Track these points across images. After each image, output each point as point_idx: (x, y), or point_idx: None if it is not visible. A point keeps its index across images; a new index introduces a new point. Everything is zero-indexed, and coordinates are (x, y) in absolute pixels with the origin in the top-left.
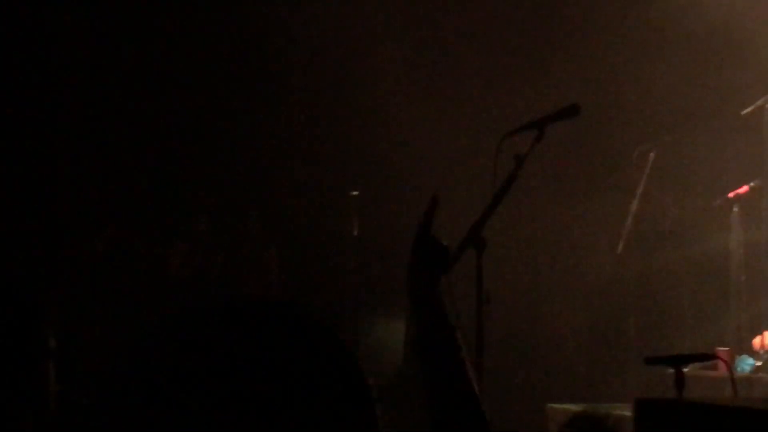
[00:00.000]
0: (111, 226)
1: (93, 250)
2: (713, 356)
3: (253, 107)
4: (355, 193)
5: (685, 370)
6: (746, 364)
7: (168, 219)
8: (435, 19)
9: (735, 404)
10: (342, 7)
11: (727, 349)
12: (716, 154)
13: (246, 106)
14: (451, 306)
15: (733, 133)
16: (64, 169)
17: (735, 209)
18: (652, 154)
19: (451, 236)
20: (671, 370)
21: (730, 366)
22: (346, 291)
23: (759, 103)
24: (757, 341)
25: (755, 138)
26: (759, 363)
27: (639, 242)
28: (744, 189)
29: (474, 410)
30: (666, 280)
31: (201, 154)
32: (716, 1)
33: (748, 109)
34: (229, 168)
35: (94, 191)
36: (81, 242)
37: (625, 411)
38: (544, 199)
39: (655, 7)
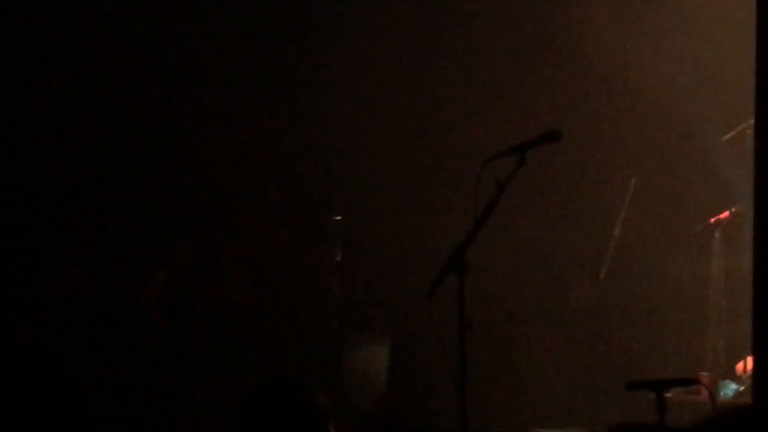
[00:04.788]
0: (89, 252)
1: (71, 274)
2: (695, 381)
3: (234, 133)
4: (338, 218)
5: (667, 395)
6: (729, 389)
7: (147, 245)
8: (419, 44)
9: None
10: (326, 32)
11: (706, 374)
12: (698, 179)
13: (227, 131)
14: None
15: (715, 158)
16: (44, 192)
17: (716, 234)
18: (633, 180)
19: (434, 261)
20: (653, 395)
21: (712, 391)
22: (329, 316)
23: (740, 128)
24: (740, 366)
25: (736, 163)
26: (742, 388)
27: (621, 267)
28: (725, 214)
29: None
30: (648, 305)
31: (181, 179)
32: (699, 31)
33: (730, 135)
34: (211, 194)
35: (73, 216)
36: (60, 267)
37: None
38: (526, 225)
39: (639, 32)
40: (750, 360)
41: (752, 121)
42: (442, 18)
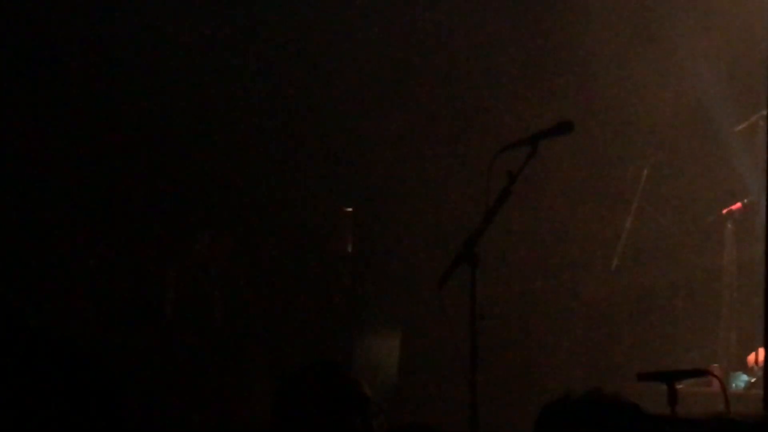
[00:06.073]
0: (105, 243)
1: (86, 265)
2: (706, 372)
3: (245, 124)
4: (349, 209)
5: (679, 386)
6: (740, 380)
7: (162, 236)
8: (432, 35)
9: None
10: (338, 22)
11: (717, 365)
12: (710, 170)
13: (239, 122)
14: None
15: (728, 149)
16: (59, 185)
17: (728, 225)
18: (645, 171)
19: (445, 252)
20: (664, 386)
21: (723, 382)
22: (340, 308)
23: (753, 119)
24: (751, 358)
25: (749, 154)
26: (753, 380)
27: (633, 258)
28: (737, 205)
29: None
30: (659, 297)
31: (192, 170)
32: (712, 22)
33: (742, 126)
34: (222, 185)
35: (87, 207)
36: (74, 258)
37: None
38: (537, 216)
39: (654, 23)
40: (761, 351)
41: (765, 112)
42: (454, 8)
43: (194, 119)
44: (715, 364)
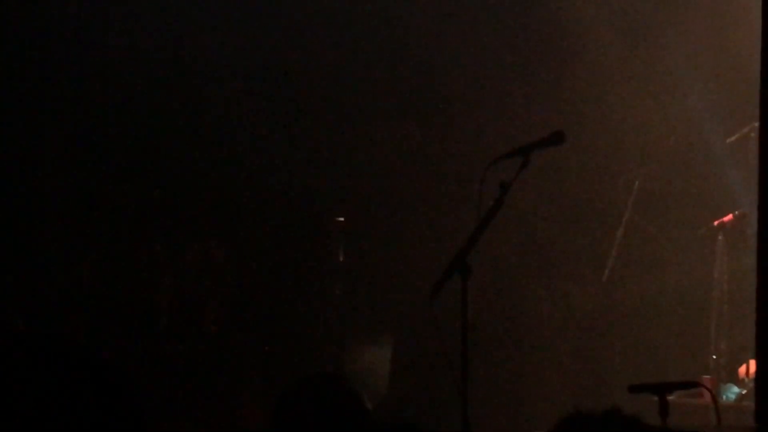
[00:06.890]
0: (98, 251)
1: (78, 274)
2: (697, 384)
3: (237, 132)
4: (341, 218)
5: (670, 397)
6: (731, 392)
7: (156, 245)
8: (424, 44)
9: None
10: (331, 31)
11: (709, 377)
12: (702, 182)
13: (229, 130)
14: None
15: (719, 161)
16: (51, 190)
17: (720, 237)
18: (637, 182)
19: (437, 262)
20: (656, 398)
21: (714, 394)
22: (331, 317)
23: (744, 131)
24: (742, 369)
25: (741, 166)
26: (744, 391)
27: (624, 270)
28: (729, 217)
29: None
30: (651, 308)
31: (186, 179)
32: (703, 33)
33: (734, 137)
34: (215, 194)
35: (81, 215)
36: (67, 266)
37: None
38: (529, 226)
39: (643, 35)
40: (753, 363)
41: (756, 124)
42: (447, 18)
43: (187, 128)
44: (707, 376)
